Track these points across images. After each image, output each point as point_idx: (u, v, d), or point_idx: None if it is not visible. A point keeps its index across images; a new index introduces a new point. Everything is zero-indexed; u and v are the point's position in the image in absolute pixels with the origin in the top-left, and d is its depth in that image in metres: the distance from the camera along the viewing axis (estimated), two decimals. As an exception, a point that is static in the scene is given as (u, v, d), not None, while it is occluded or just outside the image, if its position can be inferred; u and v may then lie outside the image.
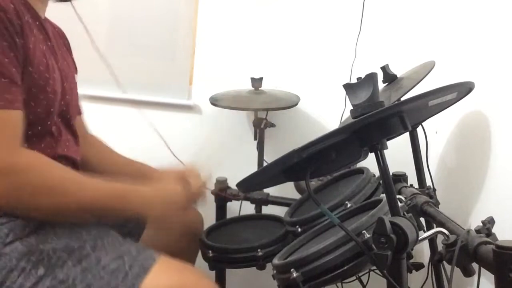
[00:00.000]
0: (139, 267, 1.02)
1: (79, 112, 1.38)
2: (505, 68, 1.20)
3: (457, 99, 1.06)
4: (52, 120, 1.10)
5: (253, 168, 1.45)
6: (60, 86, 1.12)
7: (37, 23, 1.10)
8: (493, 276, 0.82)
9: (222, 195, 1.70)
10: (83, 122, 1.40)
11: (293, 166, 0.87)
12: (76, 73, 1.32)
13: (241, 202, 1.77)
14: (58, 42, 1.24)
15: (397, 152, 1.30)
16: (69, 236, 1.04)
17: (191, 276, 1.09)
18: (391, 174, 1.32)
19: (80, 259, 1.01)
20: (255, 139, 1.82)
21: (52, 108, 1.09)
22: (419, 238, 0.90)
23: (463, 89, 1.03)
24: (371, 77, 0.86)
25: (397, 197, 1.08)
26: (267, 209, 1.68)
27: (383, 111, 0.81)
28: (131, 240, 1.14)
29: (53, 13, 1.22)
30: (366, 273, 1.33)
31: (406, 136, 1.28)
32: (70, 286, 0.98)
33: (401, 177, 1.36)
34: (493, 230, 0.94)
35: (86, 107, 1.40)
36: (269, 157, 1.81)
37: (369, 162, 0.95)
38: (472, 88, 1.04)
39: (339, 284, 1.37)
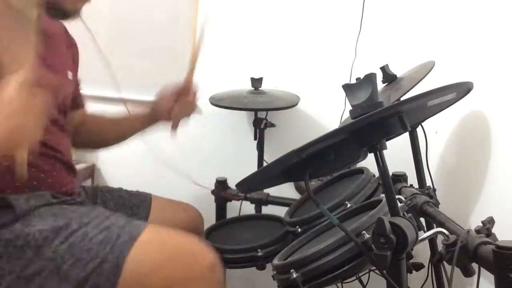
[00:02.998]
0: (126, 234, 1.02)
1: (79, 106, 1.41)
2: (505, 68, 1.20)
3: (456, 99, 1.06)
4: None
5: (253, 168, 1.45)
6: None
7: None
8: (493, 276, 0.82)
9: (222, 195, 1.71)
10: (82, 113, 1.44)
11: (292, 167, 0.87)
12: (73, 70, 1.32)
13: (241, 202, 1.77)
14: (53, 38, 1.24)
15: (397, 152, 1.29)
16: (54, 217, 1.05)
17: (181, 236, 1.07)
18: (391, 174, 1.33)
19: (67, 236, 1.01)
20: (255, 139, 1.82)
21: None
22: (419, 238, 0.90)
23: (462, 89, 1.03)
24: (370, 77, 0.86)
25: (397, 197, 1.08)
26: (267, 209, 1.68)
27: (382, 112, 0.81)
28: (121, 214, 1.14)
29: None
30: (366, 273, 1.33)
31: (406, 136, 1.27)
32: (59, 263, 0.98)
33: (401, 177, 1.36)
34: (493, 230, 0.94)
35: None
36: (269, 157, 1.81)
37: (369, 162, 0.95)
38: (471, 88, 1.04)
39: (339, 284, 1.37)
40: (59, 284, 0.98)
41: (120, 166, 2.02)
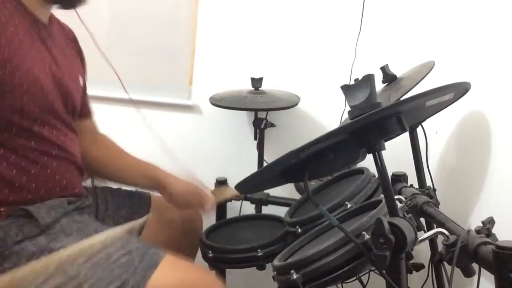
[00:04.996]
0: (148, 261, 1.04)
1: (88, 115, 1.39)
2: (505, 68, 1.20)
3: (454, 99, 1.06)
4: (31, 117, 1.09)
5: (253, 168, 1.45)
6: (50, 85, 1.12)
7: (27, 22, 1.11)
8: (493, 276, 0.82)
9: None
10: (93, 123, 1.41)
11: (291, 167, 0.87)
12: (82, 75, 1.32)
13: (241, 202, 1.77)
14: (63, 43, 1.26)
15: (397, 152, 1.30)
16: (78, 235, 1.06)
17: (197, 272, 1.11)
18: (391, 174, 1.33)
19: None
20: (255, 139, 1.82)
21: (33, 109, 1.08)
22: (419, 238, 0.90)
23: (459, 90, 1.03)
24: (369, 78, 0.86)
25: (397, 197, 1.08)
26: (267, 209, 1.68)
27: (380, 112, 0.81)
28: (138, 238, 1.16)
29: (54, 13, 1.23)
30: (366, 273, 1.33)
31: (406, 136, 1.28)
32: (81, 281, 0.99)
33: (401, 177, 1.36)
34: (493, 230, 0.94)
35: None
36: (269, 157, 1.81)
37: (369, 162, 0.94)
38: (469, 88, 1.04)
39: (339, 284, 1.37)
40: None
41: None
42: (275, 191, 1.54)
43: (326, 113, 1.85)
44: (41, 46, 1.14)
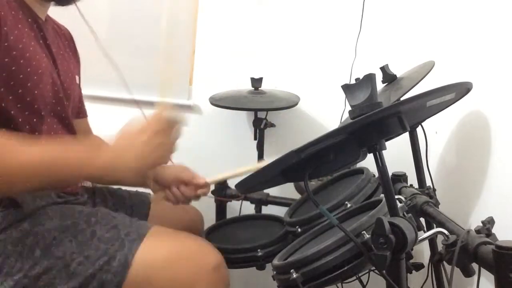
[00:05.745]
0: (135, 233, 1.04)
1: (82, 115, 1.38)
2: (505, 68, 1.20)
3: (455, 99, 1.06)
4: (39, 118, 1.09)
5: (253, 168, 1.45)
6: (51, 85, 1.12)
7: (29, 19, 1.11)
8: (493, 276, 0.82)
9: (222, 195, 1.71)
10: (87, 124, 1.41)
11: (291, 167, 0.87)
12: (78, 75, 1.32)
13: (241, 202, 1.77)
14: (60, 43, 1.26)
15: (397, 152, 1.29)
16: (61, 216, 1.06)
17: (191, 242, 1.09)
18: (391, 174, 1.33)
19: (75, 234, 1.03)
20: (255, 139, 1.82)
21: (36, 105, 1.08)
22: (419, 238, 0.90)
23: (461, 90, 1.03)
24: (369, 78, 0.86)
25: (397, 197, 1.08)
26: (267, 209, 1.68)
27: (381, 112, 0.81)
28: (125, 214, 1.15)
29: (55, 12, 1.23)
30: (366, 273, 1.33)
31: (406, 136, 1.27)
32: (68, 261, 1.00)
33: (401, 177, 1.36)
34: (493, 230, 0.94)
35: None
36: (269, 157, 1.81)
37: (369, 162, 0.94)
38: (470, 88, 1.04)
39: (339, 284, 1.37)
40: (67, 282, 0.99)
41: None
42: (275, 191, 1.55)
43: (326, 113, 1.85)
44: (42, 44, 1.14)
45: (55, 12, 1.24)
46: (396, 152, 1.26)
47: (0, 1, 1.01)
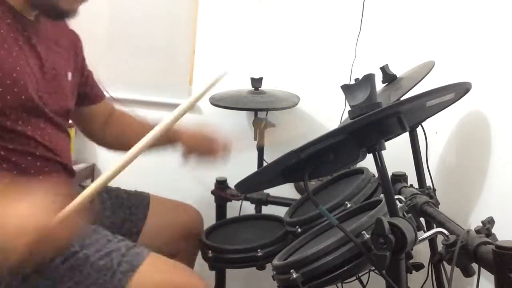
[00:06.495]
0: (127, 264, 1.03)
1: (99, 98, 1.42)
2: (505, 68, 1.20)
3: (455, 99, 1.06)
4: (13, 117, 1.08)
5: (253, 168, 1.44)
6: (33, 84, 1.11)
7: (8, 20, 1.09)
8: (493, 276, 0.82)
9: (222, 195, 1.70)
10: (106, 105, 1.45)
11: (291, 167, 0.87)
12: (73, 71, 1.30)
13: (241, 202, 1.77)
14: (52, 39, 1.23)
15: (397, 152, 1.29)
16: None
17: (181, 273, 1.09)
18: (391, 174, 1.33)
19: (68, 257, 1.02)
20: (255, 139, 1.82)
21: (12, 109, 1.06)
22: (419, 238, 0.90)
23: (460, 90, 1.03)
24: (369, 78, 0.86)
25: (397, 197, 1.08)
26: (267, 209, 1.68)
27: (381, 112, 0.81)
28: (122, 238, 1.13)
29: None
30: (366, 273, 1.33)
31: (406, 136, 1.27)
32: (58, 283, 0.99)
33: (401, 177, 1.36)
34: (493, 230, 0.94)
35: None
36: (269, 157, 1.81)
37: (369, 162, 0.94)
38: (469, 88, 1.04)
39: (339, 284, 1.37)
40: None
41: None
42: (275, 191, 1.54)
43: (326, 113, 1.84)
44: (25, 44, 1.12)
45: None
46: (396, 152, 1.26)
47: None
